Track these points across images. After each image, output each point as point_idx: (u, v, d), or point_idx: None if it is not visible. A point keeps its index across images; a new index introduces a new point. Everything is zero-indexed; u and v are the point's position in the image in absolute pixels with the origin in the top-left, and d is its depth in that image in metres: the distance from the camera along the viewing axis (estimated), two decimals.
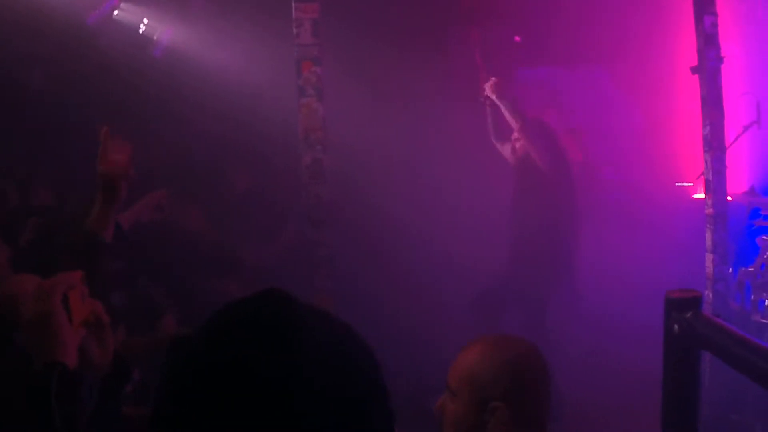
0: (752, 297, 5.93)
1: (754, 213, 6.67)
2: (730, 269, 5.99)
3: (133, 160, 2.88)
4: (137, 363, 2.93)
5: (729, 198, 5.96)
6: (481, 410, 2.32)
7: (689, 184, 8.17)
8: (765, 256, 6.00)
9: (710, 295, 5.83)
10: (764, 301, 5.82)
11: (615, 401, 5.76)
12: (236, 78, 7.17)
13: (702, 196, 6.11)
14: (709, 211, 5.82)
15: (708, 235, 5.84)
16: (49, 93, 6.72)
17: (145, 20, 7.79)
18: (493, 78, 6.27)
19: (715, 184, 5.79)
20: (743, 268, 6.10)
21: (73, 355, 1.75)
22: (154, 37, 7.89)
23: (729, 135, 6.08)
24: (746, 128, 6.76)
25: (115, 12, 7.49)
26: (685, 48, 6.38)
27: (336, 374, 1.09)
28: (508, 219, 6.41)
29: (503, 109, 6.18)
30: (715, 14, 5.69)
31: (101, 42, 7.18)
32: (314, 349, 1.08)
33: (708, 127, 5.77)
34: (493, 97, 6.23)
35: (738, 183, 7.16)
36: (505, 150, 6.50)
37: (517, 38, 8.59)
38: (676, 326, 1.74)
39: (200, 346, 1.10)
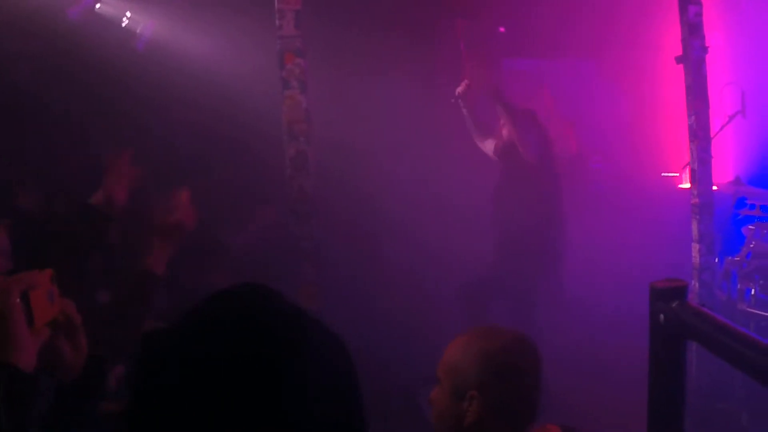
0: (738, 286, 5.93)
1: (740, 202, 6.67)
2: (717, 259, 6.00)
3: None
4: (121, 358, 2.93)
5: (715, 187, 5.97)
6: (459, 399, 2.34)
7: (675, 174, 8.19)
8: (751, 246, 6.01)
9: (697, 285, 5.84)
10: (750, 291, 5.83)
11: (601, 391, 5.76)
12: (220, 70, 7.13)
13: (688, 185, 6.11)
14: (695, 200, 5.83)
15: (694, 225, 5.85)
16: (35, 89, 6.66)
17: (128, 14, 7.74)
18: (466, 81, 6.22)
19: (701, 174, 5.80)
20: (729, 258, 6.10)
21: (30, 357, 1.67)
22: (137, 31, 7.84)
23: (714, 124, 6.09)
24: (731, 118, 6.77)
25: (98, 6, 7.44)
26: (670, 38, 6.38)
27: (311, 368, 1.08)
28: (493, 211, 6.39)
29: (497, 103, 6.08)
30: (699, 4, 5.69)
31: (85, 36, 7.13)
32: (292, 342, 1.08)
33: (693, 117, 5.78)
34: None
35: (723, 172, 7.17)
36: (488, 146, 6.47)
37: (502, 29, 8.57)
38: (661, 316, 1.73)
39: (176, 340, 1.09)
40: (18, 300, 1.66)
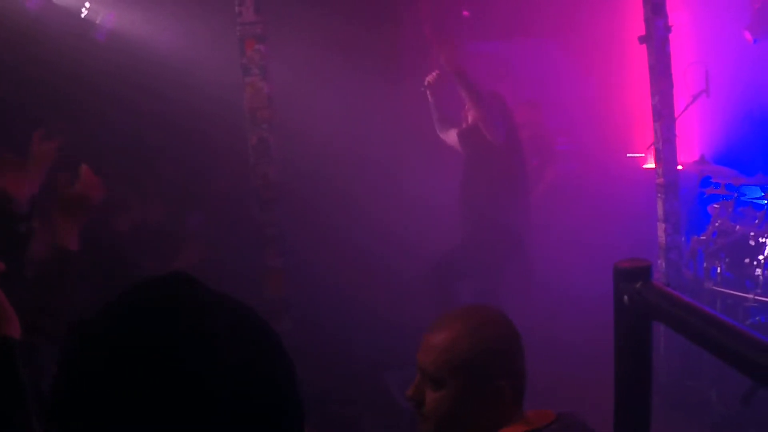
0: (705, 265, 5.97)
1: (705, 181, 6.71)
2: (683, 238, 6.03)
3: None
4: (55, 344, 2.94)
5: (680, 167, 5.98)
6: (481, 392, 2.19)
7: (640, 154, 8.21)
8: (716, 224, 6.04)
9: (663, 264, 5.87)
10: (716, 269, 5.87)
11: (567, 372, 5.78)
12: (182, 57, 7.03)
13: (653, 165, 6.13)
14: (660, 180, 5.84)
15: (659, 205, 5.87)
16: None
17: (87, 4, 7.62)
18: (436, 71, 6.15)
19: (666, 153, 5.81)
20: (695, 237, 6.13)
21: (17, 330, 1.79)
22: (97, 21, 7.72)
23: (678, 104, 6.10)
24: (695, 97, 6.79)
25: None
26: (634, 17, 6.38)
27: (239, 358, 1.06)
28: (460, 194, 6.37)
29: (462, 85, 6.00)
30: None
31: (43, 28, 7.01)
32: (217, 332, 1.07)
33: (657, 97, 5.79)
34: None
35: (688, 152, 7.21)
36: (451, 136, 6.44)
37: (466, 12, 8.54)
38: (625, 297, 1.72)
39: (98, 329, 1.08)
40: None
